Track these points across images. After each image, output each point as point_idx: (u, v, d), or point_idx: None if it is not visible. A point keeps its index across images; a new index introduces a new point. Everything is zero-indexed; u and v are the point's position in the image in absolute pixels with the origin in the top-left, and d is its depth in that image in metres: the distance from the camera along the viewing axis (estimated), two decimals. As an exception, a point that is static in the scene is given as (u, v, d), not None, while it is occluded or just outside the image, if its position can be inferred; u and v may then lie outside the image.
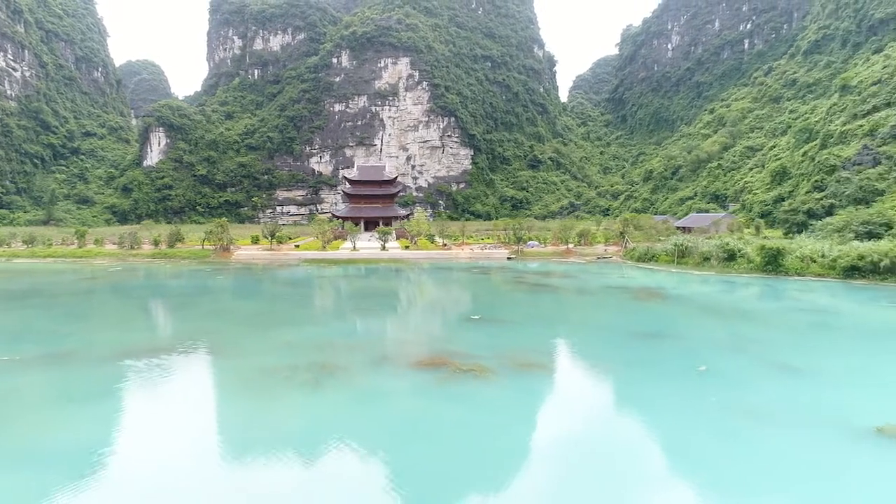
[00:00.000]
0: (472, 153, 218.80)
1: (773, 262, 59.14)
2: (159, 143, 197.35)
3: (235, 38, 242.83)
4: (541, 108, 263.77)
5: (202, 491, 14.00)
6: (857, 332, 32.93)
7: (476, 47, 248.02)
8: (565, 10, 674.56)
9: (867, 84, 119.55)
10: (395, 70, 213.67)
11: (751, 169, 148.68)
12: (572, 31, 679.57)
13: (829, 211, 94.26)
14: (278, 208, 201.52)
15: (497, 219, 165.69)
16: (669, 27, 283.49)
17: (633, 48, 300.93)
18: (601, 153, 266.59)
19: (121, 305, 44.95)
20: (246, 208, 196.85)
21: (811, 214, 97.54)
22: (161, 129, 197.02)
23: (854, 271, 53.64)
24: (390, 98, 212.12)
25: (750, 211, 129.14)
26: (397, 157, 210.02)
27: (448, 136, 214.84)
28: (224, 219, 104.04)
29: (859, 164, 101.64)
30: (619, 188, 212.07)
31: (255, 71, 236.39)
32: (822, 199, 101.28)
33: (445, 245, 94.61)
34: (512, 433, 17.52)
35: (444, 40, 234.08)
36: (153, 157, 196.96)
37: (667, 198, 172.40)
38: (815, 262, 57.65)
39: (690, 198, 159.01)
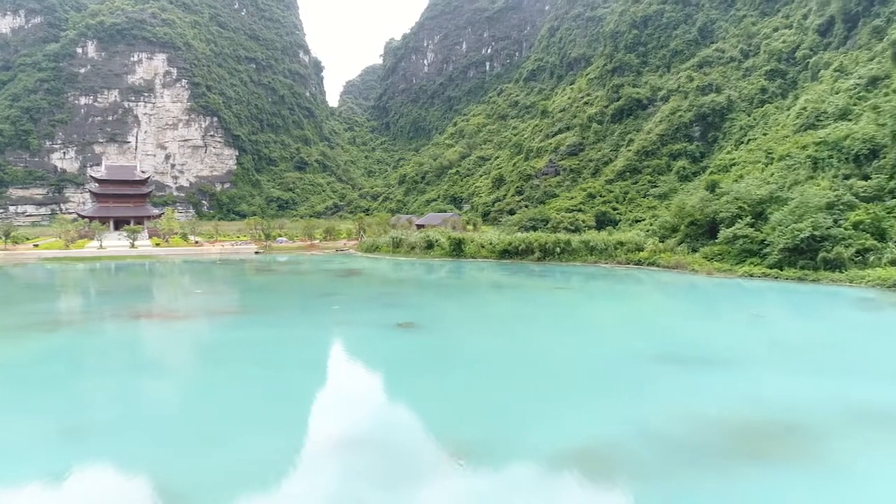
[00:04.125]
0: (237, 154, 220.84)
1: (457, 249, 77.96)
2: None
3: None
4: (307, 112, 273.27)
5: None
6: (463, 288, 50.29)
7: (240, 48, 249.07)
8: (336, 16, 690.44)
9: (557, 110, 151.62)
10: (151, 66, 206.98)
11: (481, 176, 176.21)
12: (344, 35, 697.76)
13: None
14: (11, 208, 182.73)
15: (264, 219, 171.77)
16: (425, 44, 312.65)
17: (395, 60, 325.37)
18: (366, 157, 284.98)
19: None
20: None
21: (511, 213, 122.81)
22: None
23: (506, 254, 74.07)
24: (146, 94, 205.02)
25: (477, 211, 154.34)
26: (155, 155, 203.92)
27: (211, 135, 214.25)
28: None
29: (546, 174, 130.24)
30: (378, 190, 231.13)
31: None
32: (520, 201, 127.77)
33: (198, 242, 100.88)
34: (187, 341, 29.07)
35: (205, 39, 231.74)
36: None
37: (416, 199, 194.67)
38: (484, 248, 77.52)
39: (434, 200, 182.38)
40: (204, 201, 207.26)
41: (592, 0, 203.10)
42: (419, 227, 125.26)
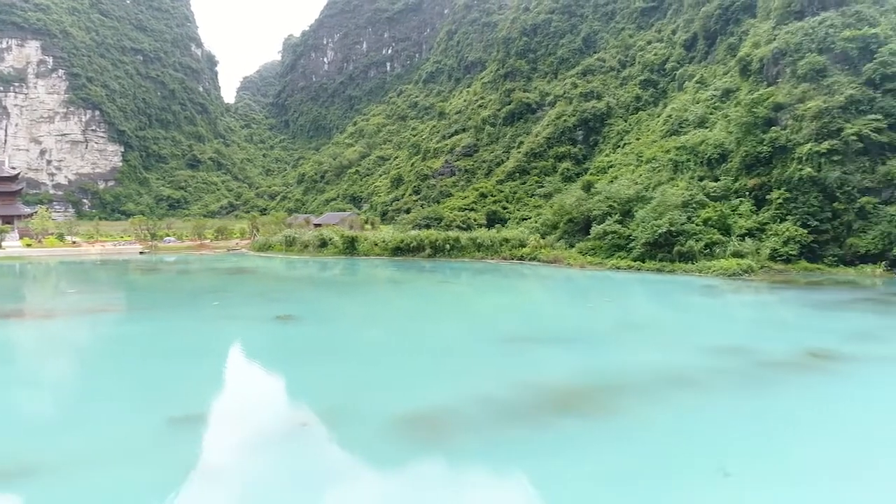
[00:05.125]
0: (123, 150, 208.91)
1: (350, 247, 78.93)
2: None
3: None
4: (200, 108, 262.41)
5: None
6: (351, 283, 51.56)
7: (125, 38, 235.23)
8: (231, 8, 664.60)
9: (454, 112, 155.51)
10: (22, 53, 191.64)
11: (380, 175, 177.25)
12: (241, 28, 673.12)
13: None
14: None
15: (151, 218, 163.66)
16: (325, 42, 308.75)
17: (294, 57, 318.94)
18: (264, 156, 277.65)
19: None
20: None
21: (408, 212, 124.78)
22: None
23: (398, 251, 75.88)
24: (16, 84, 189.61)
25: (376, 210, 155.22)
26: (28, 150, 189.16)
27: (92, 130, 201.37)
28: None
29: (442, 175, 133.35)
30: (276, 189, 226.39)
31: None
32: (417, 200, 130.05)
33: (75, 242, 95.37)
34: (57, 338, 28.62)
35: (85, 27, 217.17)
36: None
37: (316, 199, 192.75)
38: (377, 245, 78.95)
39: (334, 199, 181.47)
40: (85, 200, 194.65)
41: (488, 6, 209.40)
42: (317, 226, 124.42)
